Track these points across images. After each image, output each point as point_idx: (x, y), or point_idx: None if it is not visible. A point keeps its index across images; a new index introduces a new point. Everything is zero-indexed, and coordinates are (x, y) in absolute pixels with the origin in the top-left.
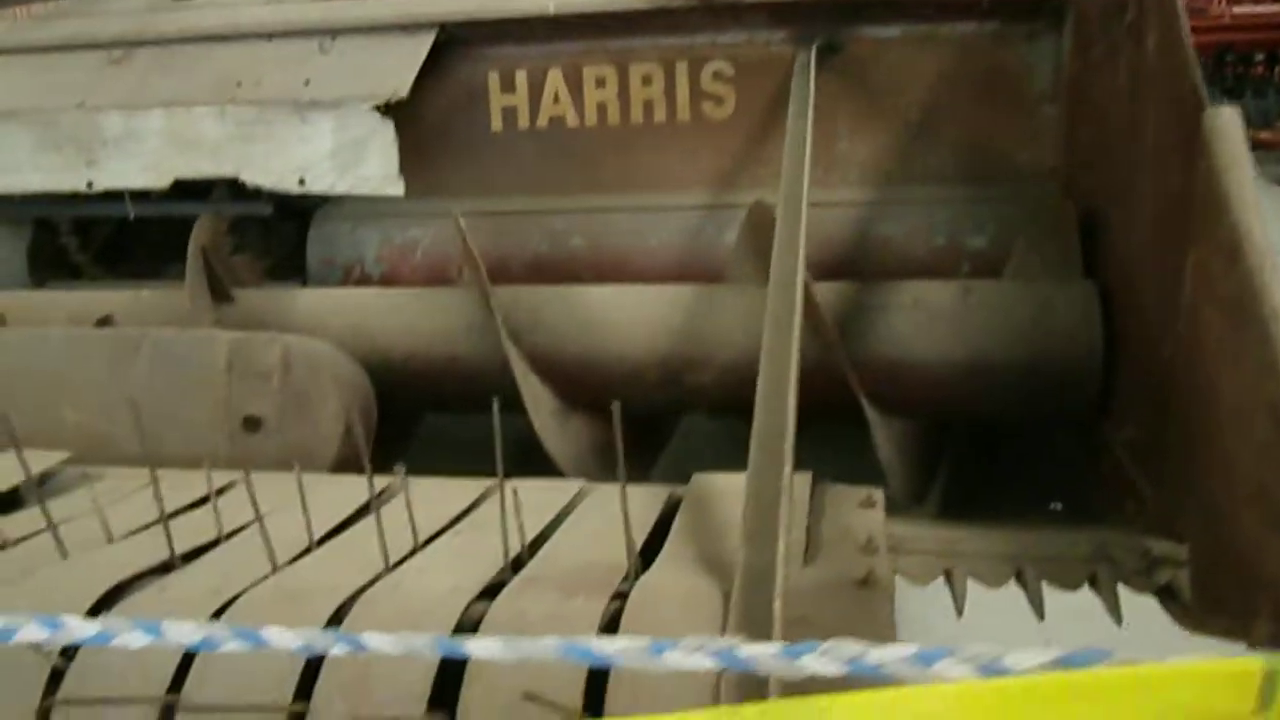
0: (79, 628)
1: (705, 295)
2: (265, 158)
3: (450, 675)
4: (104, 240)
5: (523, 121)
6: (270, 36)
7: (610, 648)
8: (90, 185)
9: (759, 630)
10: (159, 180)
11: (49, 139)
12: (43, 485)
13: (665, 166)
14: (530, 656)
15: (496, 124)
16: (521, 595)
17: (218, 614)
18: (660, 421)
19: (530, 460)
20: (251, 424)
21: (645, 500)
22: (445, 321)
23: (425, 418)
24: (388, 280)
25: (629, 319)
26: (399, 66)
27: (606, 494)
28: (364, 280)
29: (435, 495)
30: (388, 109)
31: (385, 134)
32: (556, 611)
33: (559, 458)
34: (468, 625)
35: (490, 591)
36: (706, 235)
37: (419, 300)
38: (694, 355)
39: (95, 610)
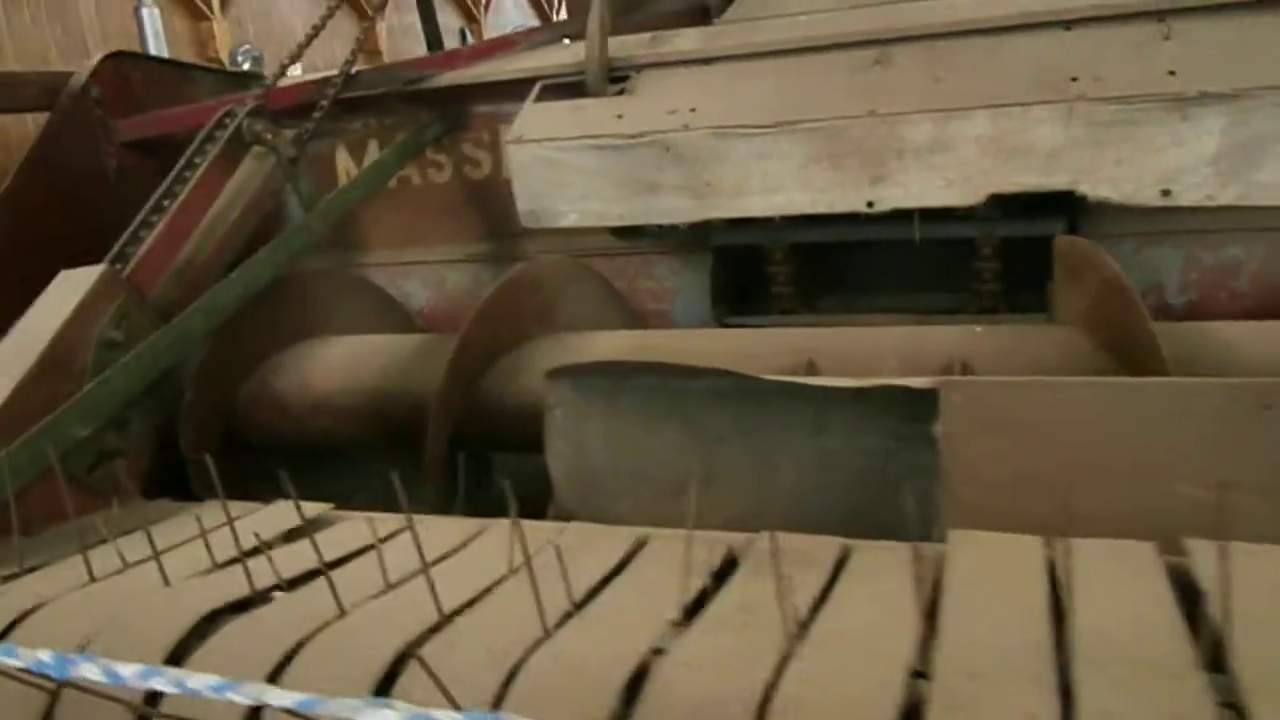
0: None
1: None
2: (1116, 165)
3: None
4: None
5: None
6: (1091, 20)
7: None
8: (871, 205)
9: None
10: (966, 197)
11: (828, 152)
12: None
13: None
14: None
15: None
16: None
17: None
18: None
19: None
20: None
21: None
22: None
23: None
24: (1196, 312)
25: None
26: None
27: None
28: (1163, 312)
29: None
30: None
31: None
32: None
33: None
34: None
35: None
36: None
37: None
38: None
39: None
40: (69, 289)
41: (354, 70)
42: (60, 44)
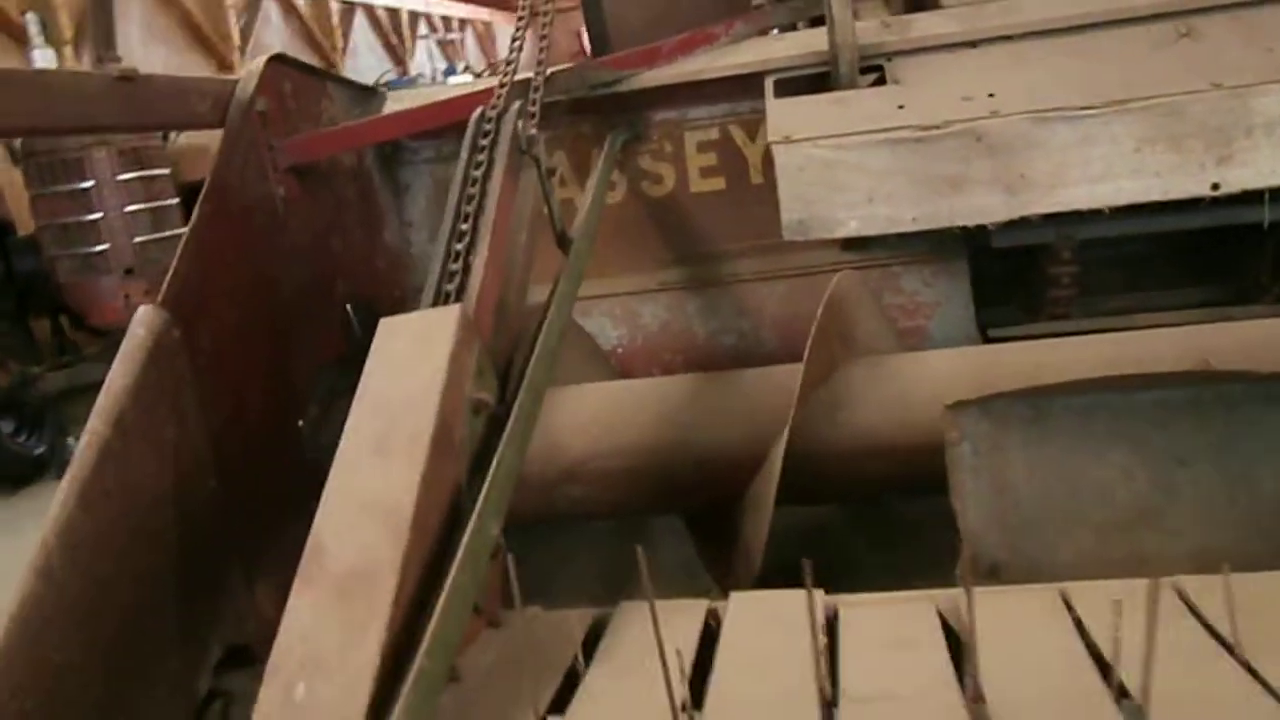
0: None
1: None
2: None
3: None
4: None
5: None
6: None
7: None
8: (1216, 187)
9: None
10: None
11: (1164, 133)
12: None
13: None
14: None
15: None
16: None
17: None
18: None
19: None
20: None
21: None
22: None
23: None
24: None
25: None
26: None
27: None
28: None
29: None
30: None
31: None
32: None
33: None
34: None
35: None
36: None
37: None
38: None
39: None
40: (416, 340)
41: (549, 71)
42: None
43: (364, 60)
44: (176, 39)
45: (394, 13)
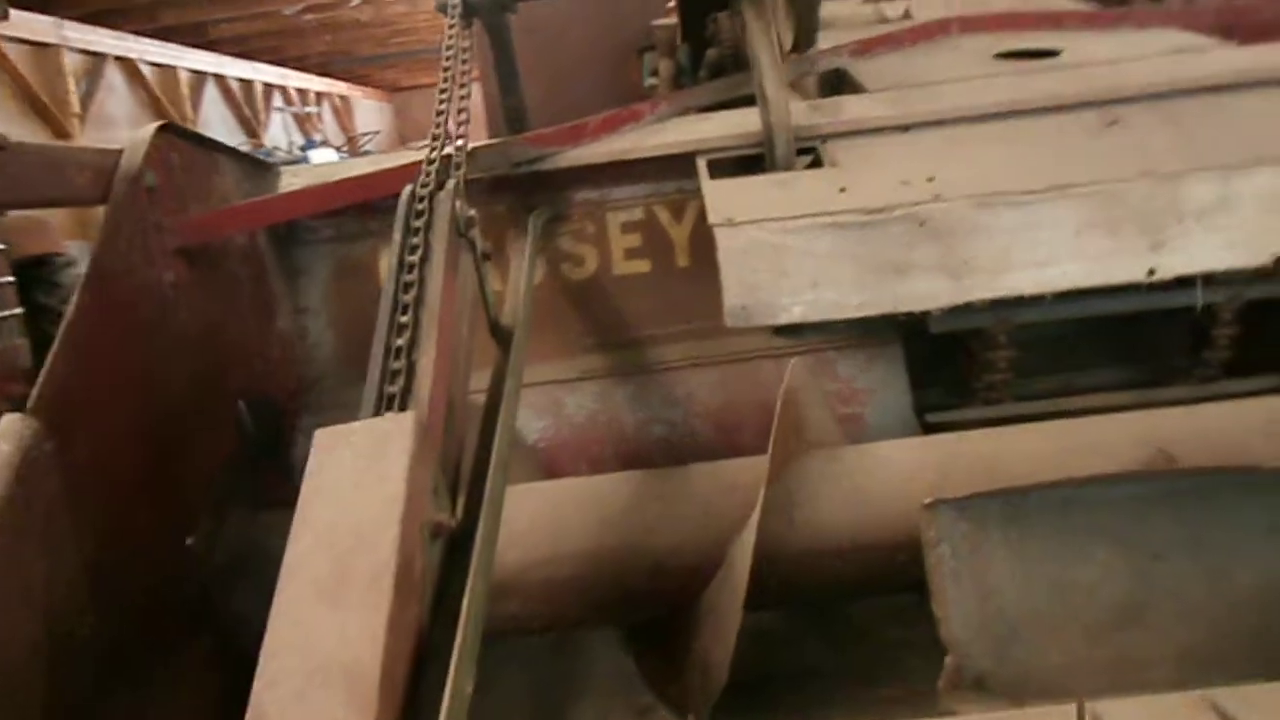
0: None
1: None
2: None
3: None
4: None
5: None
6: None
7: None
8: (1152, 273)
9: None
10: (1251, 259)
11: (1103, 219)
12: None
13: None
14: None
15: None
16: None
17: None
18: None
19: None
20: None
21: None
22: None
23: None
24: None
25: None
26: None
27: None
28: None
29: None
30: None
31: None
32: None
33: None
34: None
35: None
36: None
37: None
38: None
39: None
40: (363, 456)
41: (470, 147)
42: None
43: (215, 132)
44: (8, 106)
45: (247, 84)
